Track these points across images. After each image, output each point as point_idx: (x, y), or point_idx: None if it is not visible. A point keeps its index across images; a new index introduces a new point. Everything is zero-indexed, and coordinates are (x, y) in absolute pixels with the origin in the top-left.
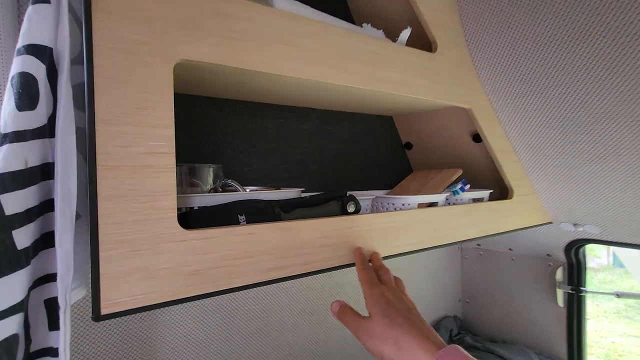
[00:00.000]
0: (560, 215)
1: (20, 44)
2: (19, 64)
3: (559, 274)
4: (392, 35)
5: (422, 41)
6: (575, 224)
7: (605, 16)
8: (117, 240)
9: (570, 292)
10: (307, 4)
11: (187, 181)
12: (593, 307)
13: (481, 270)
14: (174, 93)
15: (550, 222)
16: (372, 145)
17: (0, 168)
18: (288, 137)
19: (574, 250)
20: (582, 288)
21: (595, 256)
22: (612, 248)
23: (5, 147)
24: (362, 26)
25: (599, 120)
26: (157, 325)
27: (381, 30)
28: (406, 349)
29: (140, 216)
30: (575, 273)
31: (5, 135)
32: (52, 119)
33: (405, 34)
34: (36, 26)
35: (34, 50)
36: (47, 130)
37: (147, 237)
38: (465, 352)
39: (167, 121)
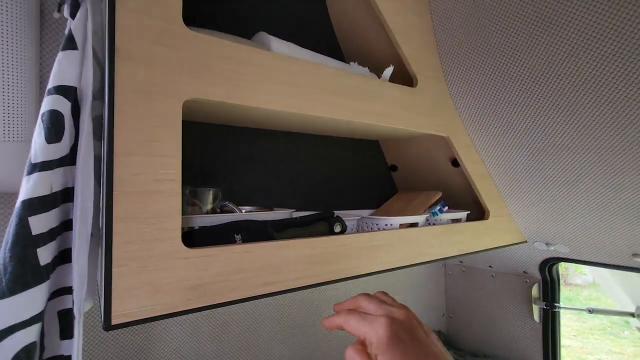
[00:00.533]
0: (534, 234)
1: (50, 85)
2: (49, 102)
3: (535, 290)
4: (378, 70)
5: (404, 76)
6: (547, 243)
7: (560, 62)
8: (128, 258)
9: (545, 307)
10: (303, 45)
11: (188, 202)
12: (579, 324)
13: (464, 286)
14: None
15: (525, 241)
16: (359, 167)
17: (30, 194)
18: (280, 159)
19: (548, 268)
20: (555, 304)
21: (582, 273)
22: None
23: (35, 175)
24: (350, 64)
25: (562, 150)
26: (150, 337)
27: (367, 68)
28: None
29: (149, 236)
30: (550, 289)
31: (35, 165)
32: (73, 148)
33: (388, 71)
34: (65, 69)
35: (62, 90)
36: (69, 159)
37: (154, 255)
38: None
39: (175, 151)
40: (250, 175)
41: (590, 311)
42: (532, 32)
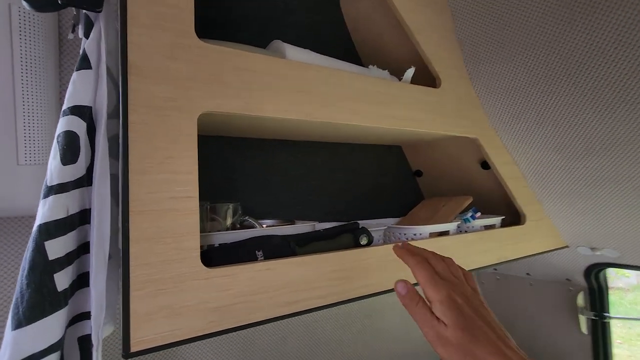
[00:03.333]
0: (577, 239)
1: (65, 105)
2: (64, 123)
3: (580, 299)
4: (398, 73)
5: (427, 77)
6: (592, 248)
7: (595, 57)
8: (145, 281)
9: (594, 318)
10: (318, 51)
11: (207, 218)
12: (625, 331)
13: (499, 296)
14: None
15: (567, 246)
16: (381, 174)
17: (46, 217)
18: (299, 170)
19: (594, 274)
20: (605, 314)
21: (624, 275)
22: None
23: (51, 198)
24: (368, 67)
25: (595, 148)
26: (176, 357)
27: (386, 70)
28: None
29: (166, 257)
30: (598, 298)
31: (51, 188)
32: (89, 169)
33: (410, 73)
34: (79, 89)
35: (77, 110)
36: (85, 180)
37: (172, 276)
38: None
39: (191, 168)
40: (268, 187)
41: None
42: (561, 24)
